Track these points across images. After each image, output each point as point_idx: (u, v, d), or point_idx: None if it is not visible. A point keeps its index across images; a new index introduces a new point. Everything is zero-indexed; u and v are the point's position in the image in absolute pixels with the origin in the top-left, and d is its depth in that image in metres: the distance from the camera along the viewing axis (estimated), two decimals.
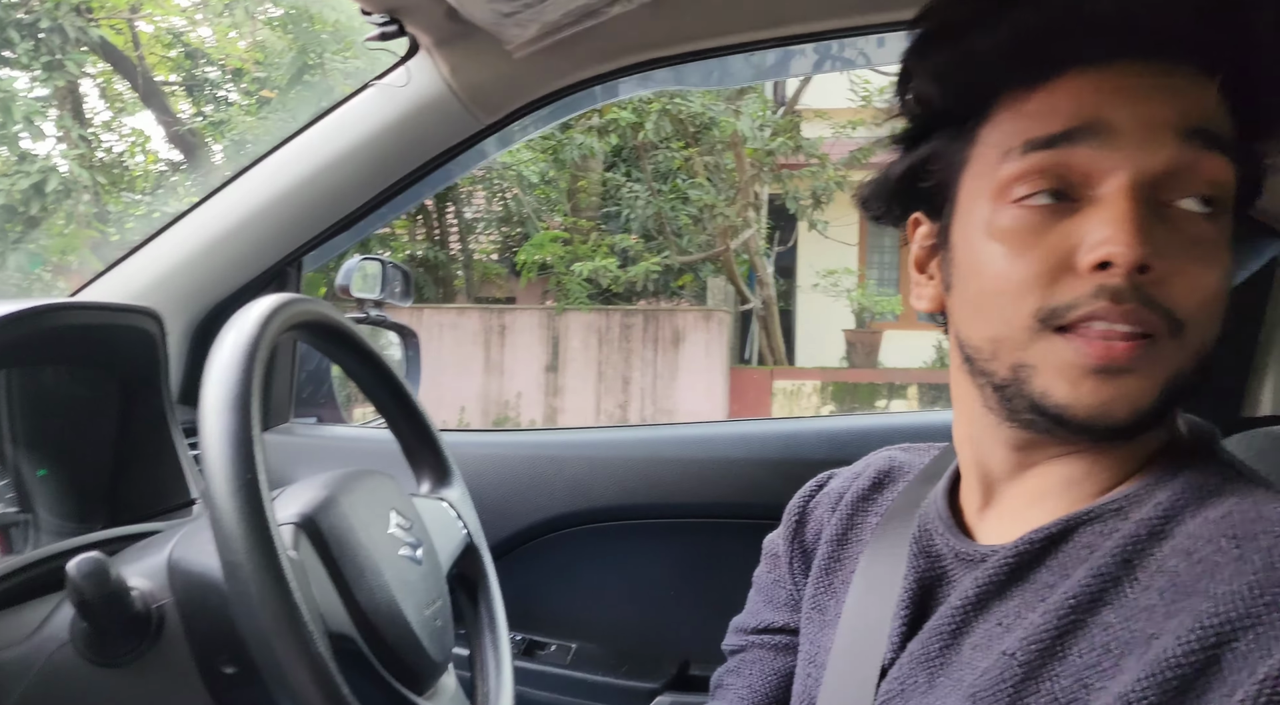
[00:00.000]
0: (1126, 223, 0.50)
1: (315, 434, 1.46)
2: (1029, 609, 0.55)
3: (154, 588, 0.72)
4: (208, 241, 1.23)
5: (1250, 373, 1.17)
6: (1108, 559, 0.53)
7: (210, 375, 0.67)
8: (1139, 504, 0.55)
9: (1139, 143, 0.51)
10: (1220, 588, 0.46)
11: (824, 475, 0.82)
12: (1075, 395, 0.52)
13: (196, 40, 7.32)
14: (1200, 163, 0.52)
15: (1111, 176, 0.52)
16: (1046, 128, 0.53)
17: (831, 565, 0.74)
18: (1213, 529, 0.50)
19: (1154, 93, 0.52)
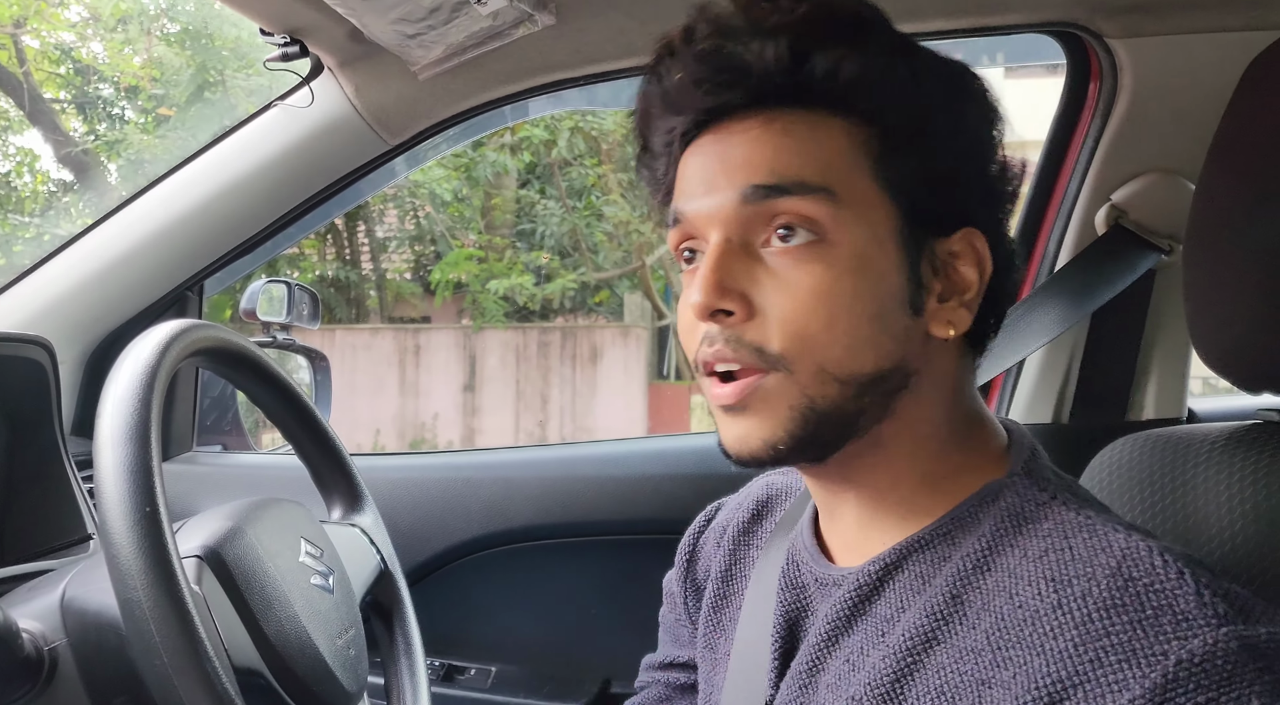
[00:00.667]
0: (703, 277, 0.57)
1: (220, 463, 1.42)
2: (872, 647, 0.57)
3: (46, 629, 0.69)
4: (102, 266, 1.19)
5: (1134, 378, 1.24)
6: (938, 596, 0.54)
7: (106, 405, 0.65)
8: (964, 529, 0.57)
9: (711, 208, 0.58)
10: (1048, 643, 0.47)
11: (712, 508, 0.83)
12: (723, 433, 0.59)
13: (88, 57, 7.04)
14: (763, 208, 0.57)
15: (708, 235, 0.59)
16: (672, 207, 0.62)
17: (719, 603, 0.75)
18: (1032, 569, 0.51)
19: (724, 157, 0.59)
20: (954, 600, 0.54)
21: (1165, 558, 0.48)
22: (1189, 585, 0.46)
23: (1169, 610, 0.46)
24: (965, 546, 0.56)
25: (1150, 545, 0.49)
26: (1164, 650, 0.44)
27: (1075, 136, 1.18)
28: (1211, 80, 0.97)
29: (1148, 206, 1.12)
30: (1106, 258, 1.13)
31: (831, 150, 0.57)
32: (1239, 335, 0.70)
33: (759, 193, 0.56)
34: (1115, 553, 0.49)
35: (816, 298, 0.55)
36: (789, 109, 0.58)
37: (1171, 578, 0.47)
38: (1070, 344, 1.24)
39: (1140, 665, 0.44)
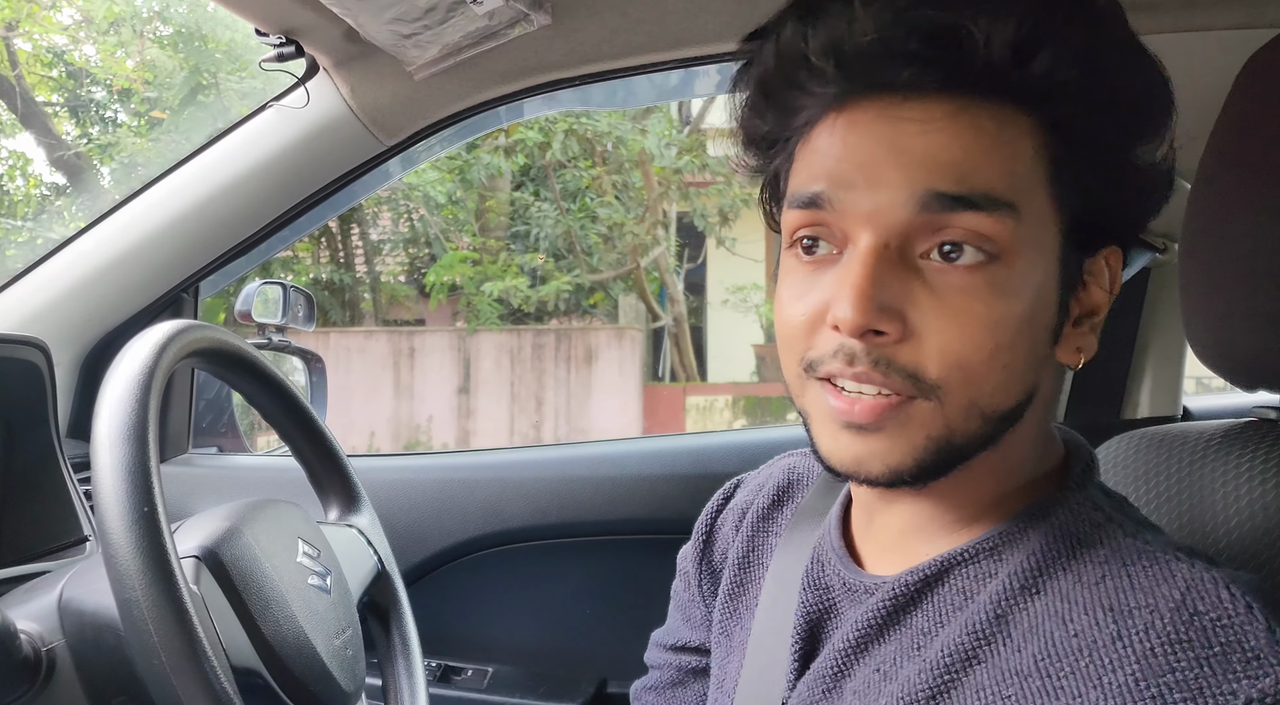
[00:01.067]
0: (855, 288, 0.49)
1: (216, 464, 1.42)
2: (906, 659, 0.54)
3: (44, 630, 0.69)
4: (97, 267, 1.19)
5: (1129, 377, 1.24)
6: (982, 614, 0.52)
7: (103, 406, 0.65)
8: (1012, 545, 0.54)
9: (871, 205, 0.50)
10: (1106, 676, 0.45)
11: (729, 486, 0.81)
12: (834, 446, 0.53)
13: (80, 59, 7.02)
14: (939, 220, 0.49)
15: (857, 235, 0.51)
16: (799, 186, 0.53)
17: (736, 590, 0.72)
18: (1088, 596, 0.49)
19: (897, 145, 0.50)
20: (999, 619, 0.51)
21: (1232, 591, 0.46)
22: (1259, 621, 0.44)
23: (1238, 647, 0.44)
24: (1012, 563, 0.53)
25: (1216, 576, 0.47)
26: (1233, 689, 0.42)
27: None
28: (1209, 79, 0.97)
29: None
30: None
31: (1019, 157, 0.50)
32: (1234, 332, 0.70)
33: (940, 202, 0.49)
34: (1179, 583, 0.47)
35: (986, 328, 0.49)
36: (979, 99, 0.49)
37: (1240, 612, 0.45)
38: None
39: (1225, 692, 0.42)
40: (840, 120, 0.52)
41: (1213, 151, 0.73)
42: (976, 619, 0.52)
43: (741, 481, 0.80)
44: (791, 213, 0.54)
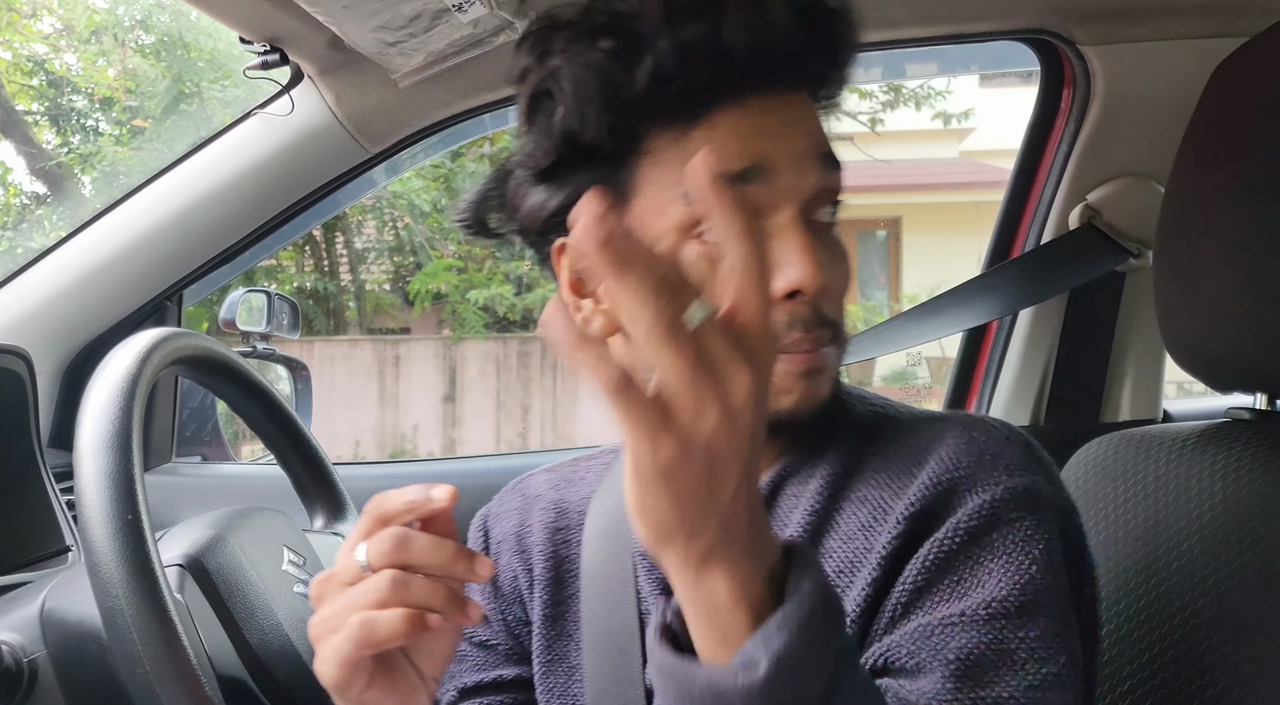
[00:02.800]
0: (807, 253, 0.56)
1: (200, 473, 1.41)
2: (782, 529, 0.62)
3: (25, 640, 0.69)
4: (80, 275, 1.18)
5: (1109, 381, 1.26)
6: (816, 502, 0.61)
7: (86, 414, 0.65)
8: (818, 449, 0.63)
9: (795, 175, 0.57)
10: (932, 468, 0.58)
11: (478, 526, 0.78)
12: (793, 399, 0.59)
13: (61, 68, 6.97)
14: (831, 180, 0.59)
15: (780, 208, 0.57)
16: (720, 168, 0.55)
17: (556, 611, 0.72)
18: (898, 451, 0.61)
19: (795, 126, 0.58)
20: (832, 499, 0.61)
21: (998, 423, 0.61)
22: (1018, 444, 0.60)
23: (1000, 456, 0.58)
24: (828, 460, 0.62)
25: (983, 416, 0.62)
26: (997, 480, 0.57)
27: (1050, 142, 1.20)
28: (1181, 86, 0.99)
29: (1120, 209, 1.14)
30: (1070, 253, 1.15)
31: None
32: (1208, 335, 0.71)
33: (831, 164, 0.59)
34: (958, 420, 0.61)
35: (848, 271, 0.61)
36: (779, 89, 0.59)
37: (1007, 437, 0.60)
38: (1046, 349, 1.26)
39: (985, 485, 0.57)
40: (741, 108, 0.57)
41: (1185, 156, 0.75)
42: (812, 506, 0.61)
43: (488, 515, 0.78)
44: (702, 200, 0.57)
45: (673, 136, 0.57)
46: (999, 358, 1.29)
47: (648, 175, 0.58)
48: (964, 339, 1.37)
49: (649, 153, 0.58)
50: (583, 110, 0.57)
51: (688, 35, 0.55)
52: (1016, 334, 1.28)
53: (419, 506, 0.54)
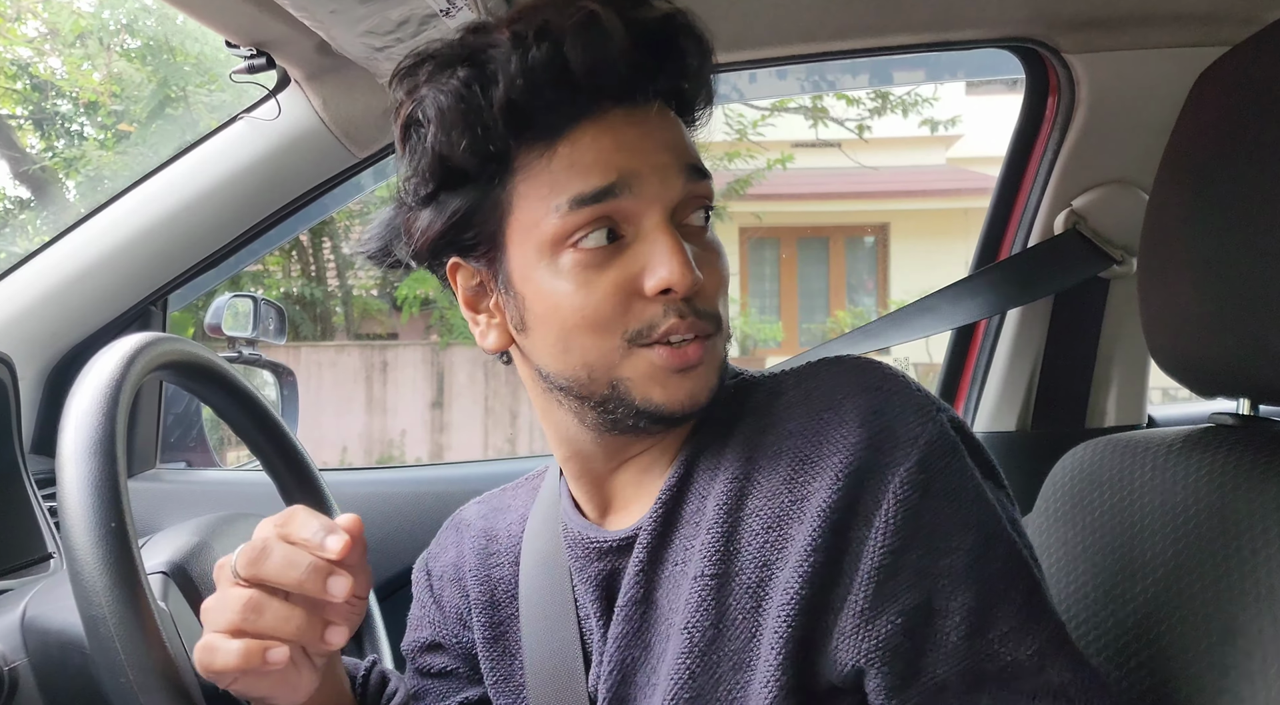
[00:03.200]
0: (677, 255, 0.60)
1: (184, 479, 1.40)
2: (694, 537, 0.63)
3: (6, 649, 0.68)
4: (63, 280, 1.17)
5: (1093, 387, 1.27)
6: (733, 468, 0.63)
7: (69, 419, 0.64)
8: (721, 425, 0.66)
9: (660, 185, 0.61)
10: (840, 446, 0.59)
11: (421, 565, 0.84)
12: (667, 395, 0.62)
13: (46, 72, 6.93)
14: (697, 188, 0.63)
15: (647, 216, 0.61)
16: (586, 184, 0.60)
17: (495, 632, 0.76)
18: (807, 409, 0.62)
19: (655, 139, 0.62)
20: (748, 463, 0.62)
21: (882, 369, 0.63)
22: (911, 385, 0.62)
23: (909, 404, 0.60)
24: (733, 436, 0.64)
25: (867, 362, 0.64)
26: (917, 432, 0.59)
27: (1035, 149, 1.21)
28: (1165, 93, 1.00)
29: (1104, 216, 1.15)
30: (1054, 258, 1.15)
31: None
32: (1192, 340, 0.72)
33: (696, 174, 0.63)
34: (853, 373, 0.63)
35: (725, 269, 0.65)
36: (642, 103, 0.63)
37: (898, 382, 0.62)
38: (1032, 355, 1.27)
39: (905, 446, 0.58)
40: (601, 125, 0.61)
41: (1168, 164, 0.75)
42: (730, 474, 0.63)
43: (429, 557, 0.84)
44: (577, 212, 0.60)
45: (539, 153, 0.61)
46: (985, 364, 1.30)
47: (520, 191, 0.62)
48: (950, 345, 1.37)
49: (518, 170, 0.62)
50: (448, 134, 0.61)
51: (533, 59, 0.59)
52: (1003, 340, 1.28)
53: (313, 548, 0.57)
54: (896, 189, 8.16)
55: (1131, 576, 0.75)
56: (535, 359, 0.66)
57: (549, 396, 0.67)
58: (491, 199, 0.63)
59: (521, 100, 0.60)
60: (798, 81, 3.28)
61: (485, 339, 0.68)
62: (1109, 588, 0.76)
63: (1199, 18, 1.04)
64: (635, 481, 0.69)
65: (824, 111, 6.88)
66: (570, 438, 0.68)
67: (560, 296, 0.62)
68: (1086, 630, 0.76)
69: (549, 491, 0.76)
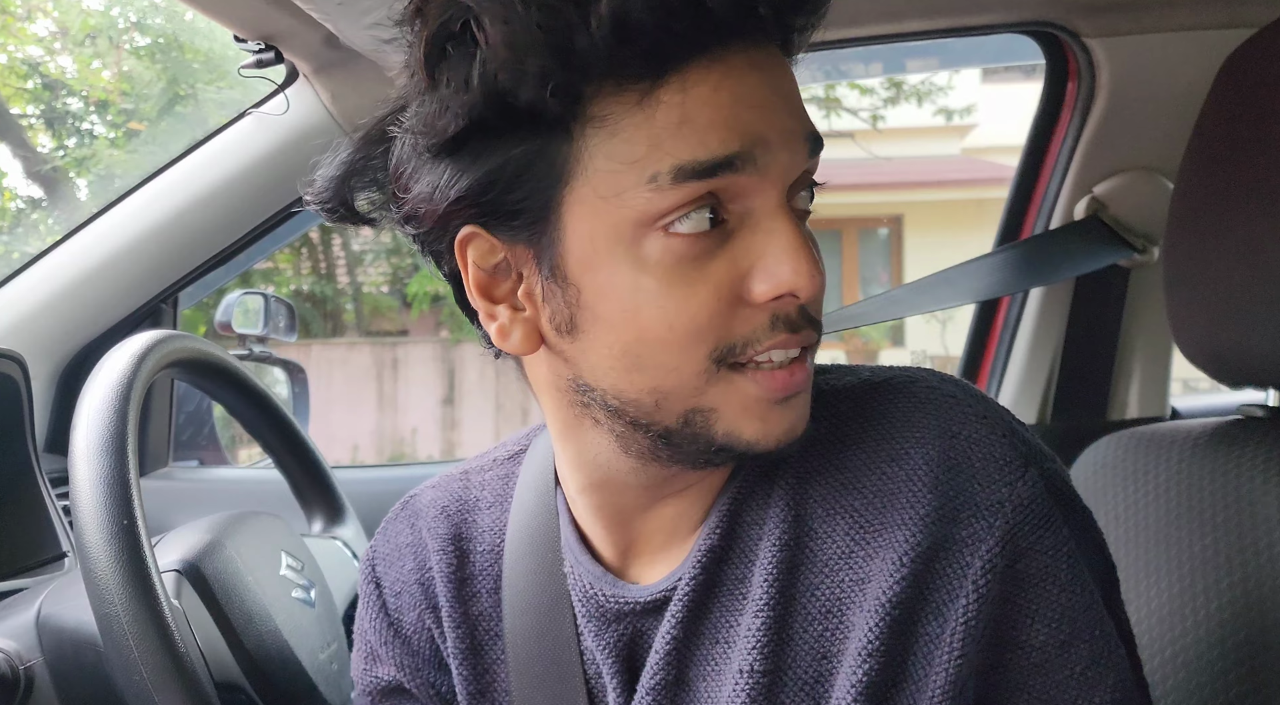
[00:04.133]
0: (803, 251, 0.46)
1: (197, 477, 1.40)
2: (738, 613, 0.52)
3: (21, 648, 0.68)
4: (75, 279, 1.17)
5: (1115, 378, 1.25)
6: (782, 525, 0.51)
7: (81, 418, 0.64)
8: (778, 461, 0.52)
9: (789, 158, 0.47)
10: (909, 513, 0.49)
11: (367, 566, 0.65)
12: (764, 429, 0.48)
13: (56, 71, 6.96)
14: (813, 165, 0.49)
15: (763, 196, 0.46)
16: (702, 149, 0.45)
17: (481, 685, 0.61)
18: (864, 454, 0.51)
19: (783, 95, 0.47)
20: (795, 523, 0.51)
21: (968, 409, 0.51)
22: (997, 431, 0.50)
23: (993, 458, 0.49)
24: (781, 467, 0.52)
25: (955, 391, 0.52)
26: (1000, 498, 0.49)
27: (1055, 135, 1.19)
28: (1188, 78, 0.98)
29: (1126, 203, 1.13)
30: (1074, 241, 1.14)
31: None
32: (1220, 331, 0.70)
33: (816, 145, 0.48)
34: (931, 410, 0.51)
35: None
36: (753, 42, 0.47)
37: (984, 426, 0.50)
38: (1052, 347, 1.25)
39: (986, 516, 0.48)
40: (717, 68, 0.45)
41: (1195, 149, 0.74)
42: (775, 539, 0.52)
43: (374, 557, 0.65)
44: (680, 188, 0.45)
45: (635, 100, 0.45)
46: (1004, 356, 1.28)
47: (598, 149, 0.46)
48: (969, 337, 1.36)
49: (600, 119, 0.45)
50: (519, 60, 0.44)
51: None
52: (1022, 331, 1.27)
53: None
54: (910, 180, 8.12)
55: (1157, 571, 0.74)
56: (580, 369, 0.50)
57: (583, 414, 0.52)
58: (550, 154, 0.46)
59: (634, 21, 0.43)
60: (809, 71, 3.26)
61: (506, 337, 0.51)
62: (1134, 583, 0.75)
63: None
64: (669, 526, 0.55)
65: (837, 101, 6.83)
66: (601, 464, 0.53)
67: (642, 297, 0.46)
68: None
69: (539, 508, 0.60)
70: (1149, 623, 0.73)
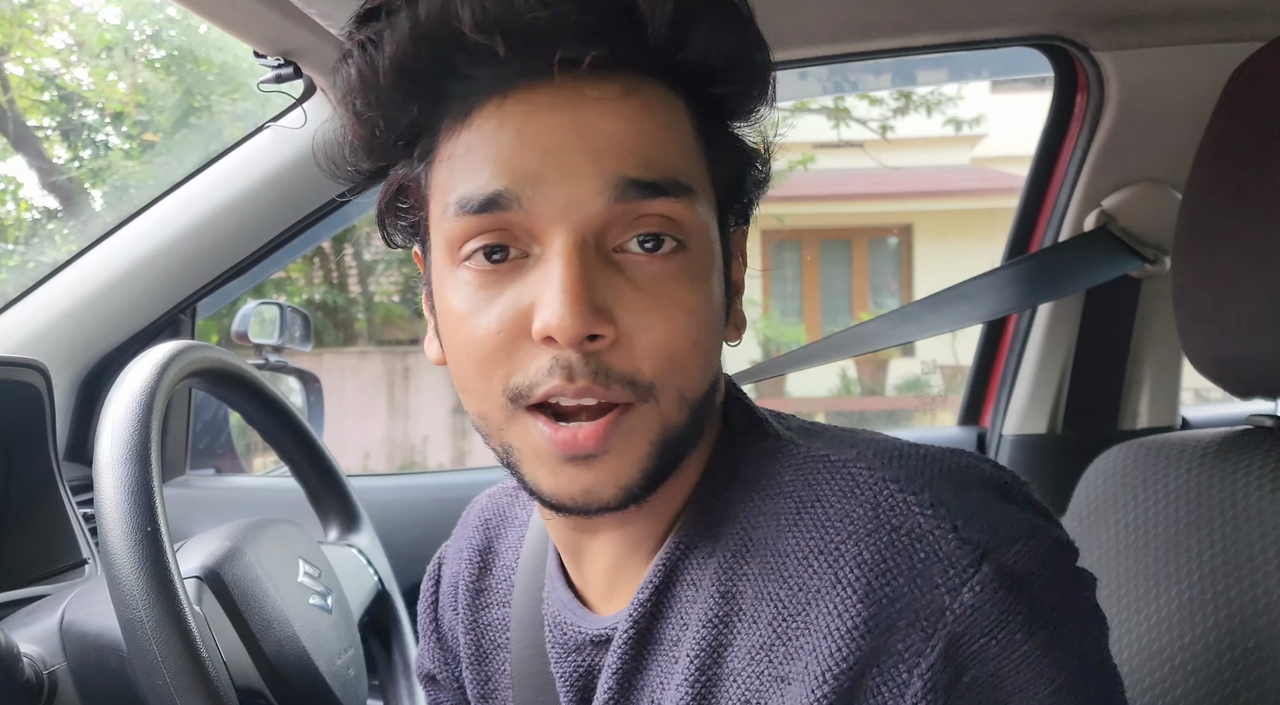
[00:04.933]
0: (568, 291, 0.44)
1: (214, 485, 1.41)
2: (669, 677, 0.50)
3: (45, 652, 0.69)
4: (95, 290, 1.18)
5: (1125, 388, 1.25)
6: (711, 600, 0.49)
7: (105, 426, 0.65)
8: (716, 514, 0.51)
9: (566, 199, 0.45)
10: (835, 622, 0.44)
11: (434, 567, 0.73)
12: (557, 484, 0.47)
13: (72, 83, 7.03)
14: (642, 207, 0.46)
15: (549, 234, 0.46)
16: (472, 186, 0.46)
17: (486, 690, 0.64)
18: (796, 542, 0.47)
19: (582, 133, 0.46)
20: (726, 598, 0.48)
21: (910, 497, 0.45)
22: (945, 523, 0.44)
23: (936, 557, 0.43)
24: (724, 536, 0.50)
25: (893, 484, 0.46)
26: (941, 606, 0.42)
27: (1064, 148, 1.20)
28: (1197, 91, 0.99)
29: (1136, 215, 1.14)
30: (1084, 254, 1.14)
31: (687, 136, 0.49)
32: (1229, 341, 0.71)
33: (635, 190, 0.46)
34: (866, 499, 0.46)
35: (690, 316, 0.47)
36: (644, 79, 0.47)
37: (928, 518, 0.45)
38: (1062, 356, 1.25)
39: (924, 626, 0.42)
40: (508, 106, 0.46)
41: (1203, 161, 0.74)
42: (707, 608, 0.49)
43: (443, 557, 0.72)
44: (462, 219, 0.47)
45: (451, 132, 0.48)
46: (1015, 365, 1.29)
47: (432, 176, 0.50)
48: (979, 346, 1.36)
49: (436, 150, 0.49)
50: (352, 100, 0.49)
51: (423, 10, 0.45)
52: (1032, 341, 1.27)
53: None
54: (920, 189, 8.11)
55: (1167, 581, 0.74)
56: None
57: None
58: (415, 176, 0.50)
59: (406, 64, 0.46)
60: (819, 82, 3.26)
61: (429, 346, 0.55)
62: (1143, 593, 0.75)
63: (1231, 13, 1.02)
64: (613, 562, 0.55)
65: (846, 112, 6.85)
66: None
67: (450, 322, 0.49)
68: (1119, 635, 0.75)
69: (542, 532, 0.62)
70: (1159, 631, 0.73)
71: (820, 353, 1.27)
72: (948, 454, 0.49)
